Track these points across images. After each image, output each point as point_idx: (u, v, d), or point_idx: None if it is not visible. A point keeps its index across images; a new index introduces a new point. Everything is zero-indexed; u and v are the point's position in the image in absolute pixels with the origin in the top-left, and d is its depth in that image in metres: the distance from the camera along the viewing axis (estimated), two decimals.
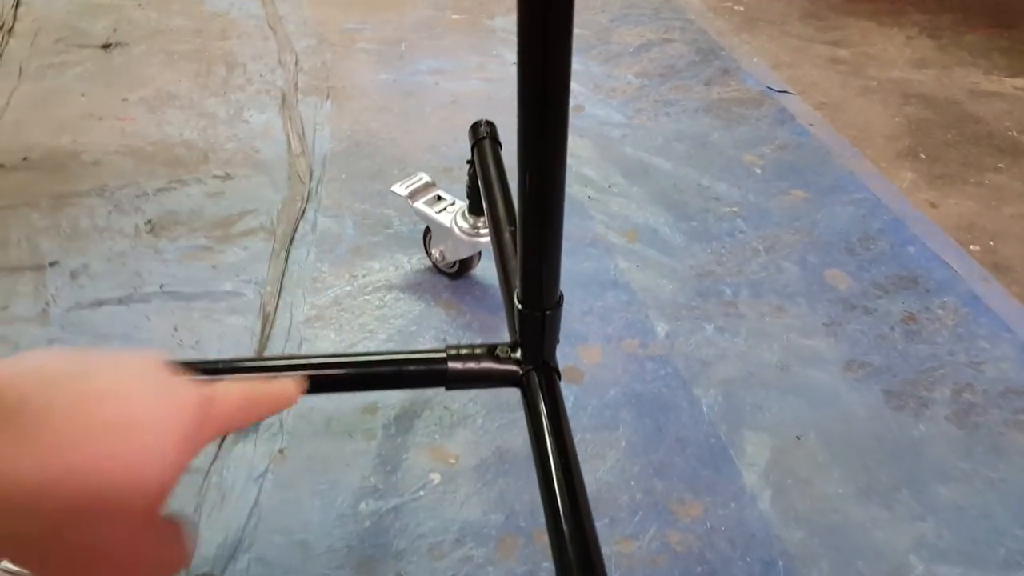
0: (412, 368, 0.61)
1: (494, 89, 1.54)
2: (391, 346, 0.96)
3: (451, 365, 0.61)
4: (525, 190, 0.52)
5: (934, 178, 1.33)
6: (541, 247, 0.55)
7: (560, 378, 0.63)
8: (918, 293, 1.08)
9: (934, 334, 1.02)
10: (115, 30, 1.72)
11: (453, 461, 0.83)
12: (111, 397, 0.28)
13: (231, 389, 0.34)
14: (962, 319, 1.04)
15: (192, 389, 0.31)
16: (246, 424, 0.35)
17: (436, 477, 0.82)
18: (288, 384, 0.37)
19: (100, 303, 1.01)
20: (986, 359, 0.99)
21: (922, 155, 1.39)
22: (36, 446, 0.25)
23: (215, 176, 1.27)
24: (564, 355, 0.96)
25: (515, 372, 0.62)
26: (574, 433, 0.86)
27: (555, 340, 0.63)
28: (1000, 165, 1.37)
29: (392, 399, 0.89)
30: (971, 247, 1.18)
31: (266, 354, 0.93)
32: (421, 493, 0.80)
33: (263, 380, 0.36)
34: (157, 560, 0.30)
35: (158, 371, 0.30)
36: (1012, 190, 1.31)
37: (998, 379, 0.96)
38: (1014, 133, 1.46)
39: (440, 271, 1.08)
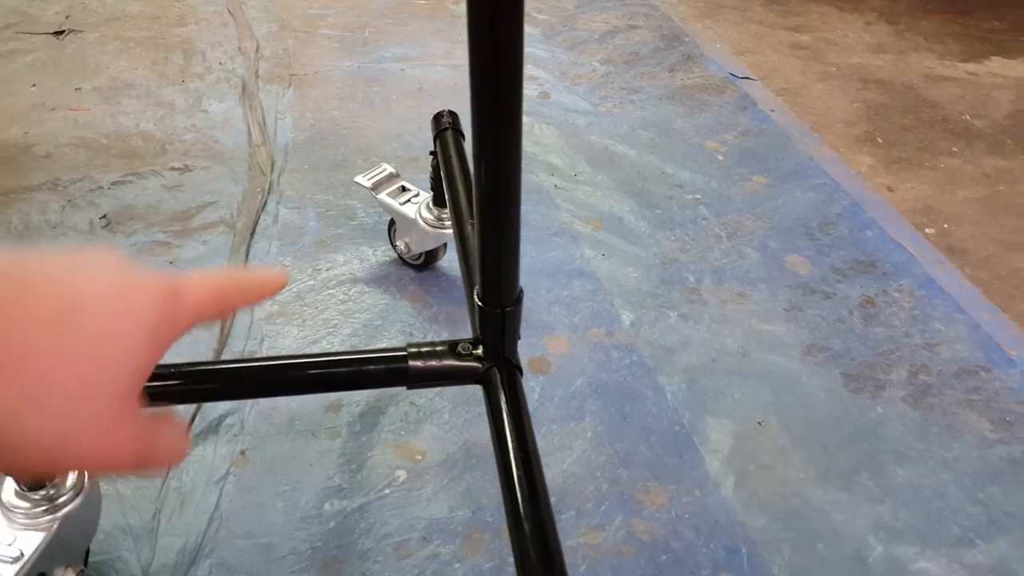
0: (372, 367, 0.61)
1: (460, 76, 1.52)
2: (356, 341, 0.96)
3: (412, 363, 0.61)
4: (481, 188, 0.52)
5: (891, 162, 1.36)
6: (499, 245, 0.55)
7: (522, 374, 0.63)
8: (876, 277, 1.10)
9: (891, 317, 1.04)
10: (68, 16, 1.67)
11: (419, 457, 0.83)
12: (60, 286, 0.26)
13: (202, 280, 0.31)
14: (918, 301, 1.06)
15: (158, 280, 0.29)
16: (220, 316, 0.33)
17: (402, 474, 0.81)
18: (268, 275, 0.35)
19: None
20: (941, 340, 1.01)
21: (880, 140, 1.41)
22: None
23: (173, 168, 1.24)
24: (531, 346, 0.97)
25: (477, 369, 0.62)
26: (541, 425, 0.87)
27: (516, 336, 0.63)
28: (954, 149, 1.40)
29: (357, 396, 0.89)
30: (927, 230, 1.21)
31: (226, 353, 0.92)
32: (387, 491, 0.80)
33: (239, 271, 0.34)
34: (138, 454, 0.29)
35: (119, 263, 0.28)
36: (965, 173, 1.34)
37: (952, 360, 0.98)
38: (967, 117, 1.48)
39: (406, 263, 1.07)
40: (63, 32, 1.62)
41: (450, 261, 1.08)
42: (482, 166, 0.51)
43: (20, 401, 0.24)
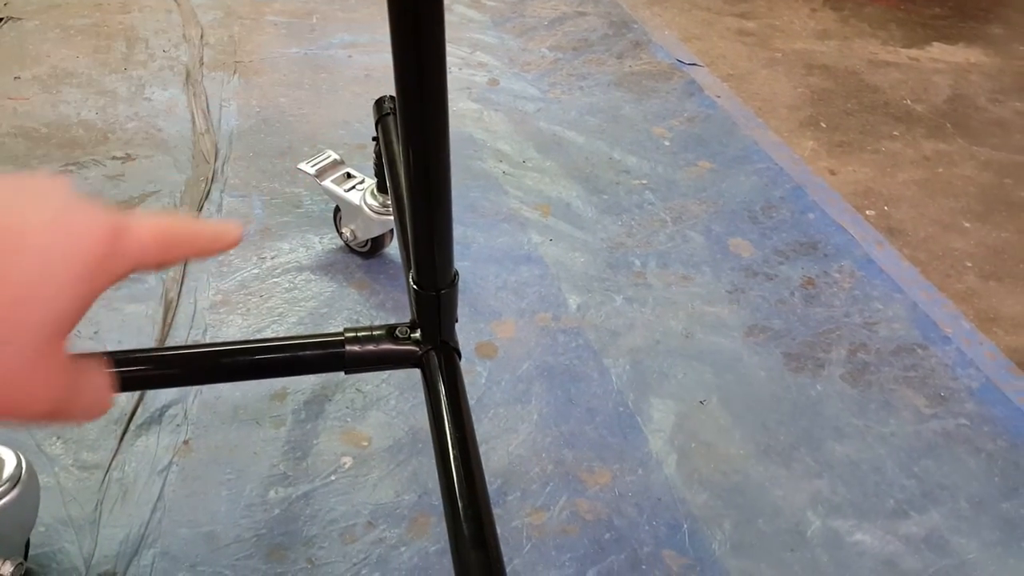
0: (309, 353, 0.60)
1: None
2: (301, 330, 0.95)
3: (349, 348, 0.61)
4: (410, 169, 0.52)
5: (834, 146, 1.38)
6: (430, 227, 0.55)
7: (460, 357, 0.64)
8: (817, 258, 1.12)
9: (831, 297, 1.06)
10: (6, 3, 1.62)
11: (365, 444, 0.83)
12: (0, 210, 0.24)
13: (151, 224, 0.29)
14: (858, 282, 1.09)
15: (100, 216, 0.27)
16: (166, 264, 0.30)
17: (348, 461, 0.81)
18: (222, 227, 0.32)
19: None
20: (879, 319, 1.04)
21: (823, 124, 1.44)
22: None
23: (115, 157, 1.22)
24: (478, 331, 0.97)
25: (414, 352, 0.62)
26: (488, 408, 0.88)
27: (453, 318, 0.63)
28: (895, 133, 1.43)
29: (303, 384, 0.88)
30: (867, 212, 1.24)
31: (168, 342, 0.91)
32: (332, 478, 0.80)
33: (191, 219, 0.32)
34: (54, 403, 0.27)
35: (61, 193, 0.26)
36: (905, 157, 1.37)
37: (890, 338, 1.01)
38: (908, 102, 1.52)
39: (352, 250, 1.07)
40: (1, 20, 1.57)
41: (396, 249, 1.07)
42: (410, 150, 0.51)
43: None
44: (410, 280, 0.60)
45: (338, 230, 1.07)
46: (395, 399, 0.88)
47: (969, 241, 1.19)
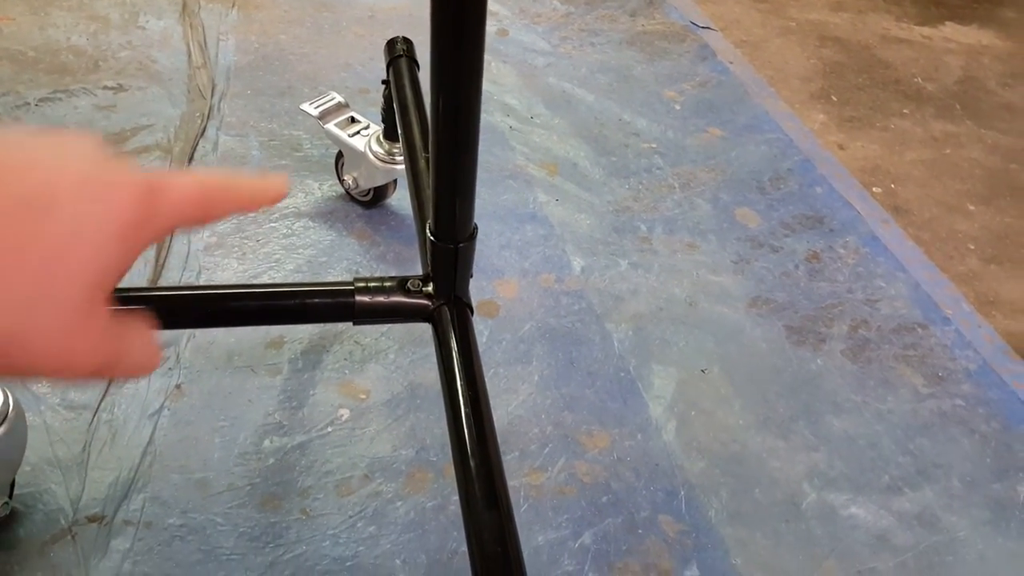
0: (317, 301, 0.58)
1: (414, 5, 1.46)
2: (299, 277, 0.93)
3: (359, 298, 0.59)
4: (438, 116, 0.49)
5: (843, 121, 1.37)
6: (454, 177, 0.53)
7: (473, 313, 0.62)
8: (822, 233, 1.11)
9: (835, 272, 1.06)
10: None
11: (363, 396, 0.82)
12: (32, 169, 0.24)
13: (188, 181, 0.29)
14: (862, 259, 1.08)
15: (132, 176, 0.27)
16: (205, 221, 0.30)
17: (345, 413, 0.80)
18: (265, 182, 0.32)
19: None
20: (881, 297, 1.03)
21: (834, 98, 1.42)
22: None
23: (106, 87, 1.17)
24: (480, 289, 0.95)
25: (426, 306, 0.60)
26: (488, 368, 0.86)
27: (468, 274, 0.61)
28: (905, 111, 1.41)
29: (300, 333, 0.86)
30: (874, 189, 1.22)
31: (161, 283, 0.88)
32: (329, 429, 0.78)
33: (233, 173, 0.31)
34: (101, 361, 0.27)
35: (91, 152, 0.26)
36: (914, 136, 1.36)
37: (891, 316, 1.01)
38: (919, 80, 1.50)
39: (353, 199, 1.04)
40: None
41: (399, 199, 1.05)
42: (440, 96, 0.49)
43: None
44: (427, 231, 0.58)
45: (339, 177, 1.03)
46: (394, 353, 0.87)
47: (973, 224, 1.19)
